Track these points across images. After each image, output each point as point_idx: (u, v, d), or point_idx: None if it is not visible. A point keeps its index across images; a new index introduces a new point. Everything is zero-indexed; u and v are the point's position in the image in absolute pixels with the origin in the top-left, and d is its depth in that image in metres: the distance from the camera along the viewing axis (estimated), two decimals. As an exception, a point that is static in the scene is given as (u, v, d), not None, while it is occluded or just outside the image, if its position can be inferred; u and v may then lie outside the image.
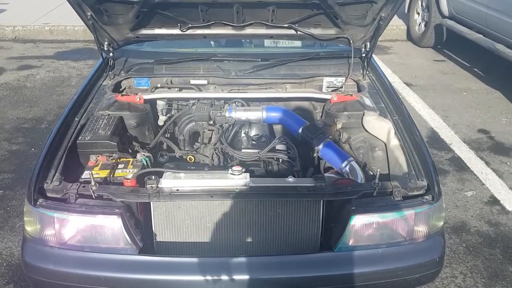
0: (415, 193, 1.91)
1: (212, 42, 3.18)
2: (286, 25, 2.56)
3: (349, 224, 1.80)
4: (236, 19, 2.49)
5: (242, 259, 1.81)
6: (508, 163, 3.59)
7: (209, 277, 1.77)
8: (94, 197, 1.82)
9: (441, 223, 1.92)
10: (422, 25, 6.45)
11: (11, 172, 3.40)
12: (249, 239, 1.90)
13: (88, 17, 2.39)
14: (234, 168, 1.92)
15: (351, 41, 2.65)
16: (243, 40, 3.10)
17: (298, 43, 3.02)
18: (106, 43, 2.65)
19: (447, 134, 4.03)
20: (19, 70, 5.50)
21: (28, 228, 1.86)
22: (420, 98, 4.76)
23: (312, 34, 2.62)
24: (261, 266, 1.81)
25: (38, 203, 1.82)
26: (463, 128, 4.14)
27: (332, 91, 2.72)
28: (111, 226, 1.79)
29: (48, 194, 1.87)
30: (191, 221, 1.89)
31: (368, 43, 2.68)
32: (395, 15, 6.24)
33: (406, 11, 6.85)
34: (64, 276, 1.81)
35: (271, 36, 2.70)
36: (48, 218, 1.81)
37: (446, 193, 3.18)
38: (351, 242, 1.83)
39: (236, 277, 1.77)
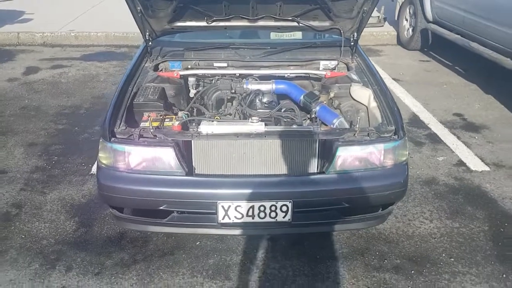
0: (386, 135, 2.60)
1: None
2: (290, 18, 3.29)
3: (336, 153, 2.49)
4: (251, 13, 3.22)
5: (261, 179, 2.51)
6: (476, 137, 4.28)
7: (235, 191, 2.46)
8: (153, 136, 2.52)
9: (405, 156, 2.60)
10: (410, 30, 7.19)
11: (61, 144, 4.10)
12: (264, 167, 2.58)
13: (138, 11, 3.09)
14: (253, 118, 2.63)
15: (341, 31, 3.37)
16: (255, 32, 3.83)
17: (299, 35, 3.72)
18: (147, 33, 3.36)
19: (426, 116, 4.73)
20: (52, 69, 6.24)
21: (103, 159, 2.55)
22: (405, 90, 5.47)
23: (311, 26, 3.34)
24: (274, 183, 2.50)
25: (112, 140, 2.52)
26: (441, 112, 4.85)
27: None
28: (166, 155, 2.48)
29: (117, 136, 2.57)
30: (221, 156, 2.57)
31: (355, 33, 3.38)
32: (386, 23, 7.07)
33: (396, 19, 7.61)
34: (131, 191, 2.49)
35: (278, 28, 3.42)
36: (119, 150, 2.50)
37: (421, 158, 3.88)
38: (338, 167, 2.52)
39: (256, 190, 2.46)
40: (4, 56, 6.80)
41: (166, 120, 2.79)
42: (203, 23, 3.33)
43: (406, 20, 7.29)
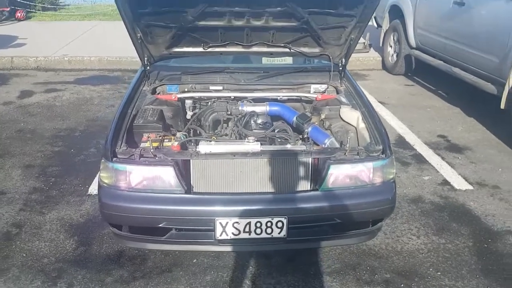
0: (374, 154, 2.75)
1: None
2: (282, 45, 3.48)
3: (328, 171, 2.63)
4: (245, 40, 3.40)
5: (257, 196, 2.64)
6: (460, 158, 4.47)
7: (233, 208, 2.58)
8: (153, 156, 2.64)
9: (392, 174, 2.75)
10: (394, 56, 7.46)
11: (58, 166, 4.19)
12: (260, 185, 2.70)
13: (138, 37, 3.24)
14: (249, 137, 2.78)
15: (330, 57, 3.55)
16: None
17: (289, 60, 3.89)
18: (146, 58, 3.51)
19: (411, 138, 4.92)
20: (46, 92, 6.35)
21: (105, 179, 2.65)
22: (391, 113, 5.67)
23: (302, 52, 3.53)
24: (270, 200, 2.62)
25: (114, 160, 2.63)
26: (425, 134, 5.04)
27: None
28: (166, 174, 2.59)
29: (119, 156, 2.68)
30: (219, 174, 2.69)
31: (343, 59, 3.57)
32: (372, 49, 7.44)
33: (380, 45, 7.90)
34: (132, 209, 2.59)
35: (271, 53, 3.60)
36: (121, 170, 2.61)
37: (407, 178, 4.04)
38: (330, 184, 2.66)
39: (253, 207, 2.58)
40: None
41: (165, 140, 2.91)
42: (200, 49, 3.49)
43: (391, 46, 7.57)
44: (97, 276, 2.80)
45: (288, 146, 2.81)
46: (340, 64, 3.60)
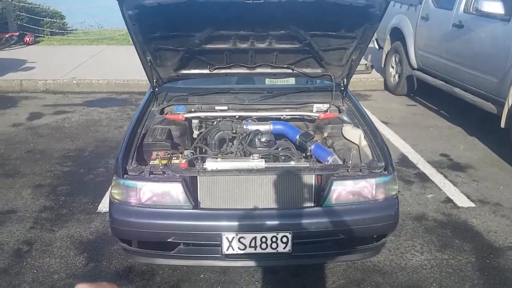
0: (376, 170, 2.83)
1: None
2: (285, 66, 3.60)
3: (331, 187, 2.71)
4: (250, 61, 3.52)
5: (262, 211, 2.71)
6: (462, 176, 4.53)
7: (239, 223, 2.65)
8: (162, 173, 2.73)
9: (395, 191, 2.82)
10: (396, 76, 7.59)
11: (67, 185, 4.28)
12: (265, 201, 2.78)
13: (148, 60, 3.37)
14: (254, 155, 2.87)
15: (332, 78, 3.66)
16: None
17: (292, 81, 3.99)
18: (154, 80, 3.63)
19: (414, 157, 4.99)
20: (55, 114, 6.48)
21: (116, 195, 2.74)
22: (394, 132, 5.76)
23: (305, 72, 3.65)
24: (275, 215, 2.70)
25: (125, 177, 2.73)
26: (428, 153, 5.11)
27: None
28: (175, 190, 2.67)
29: (129, 173, 2.77)
30: (225, 190, 2.77)
31: (345, 79, 3.68)
32: (374, 70, 7.58)
33: (382, 66, 8.03)
34: (142, 224, 2.67)
35: (274, 74, 3.72)
36: (131, 186, 2.70)
37: (411, 196, 4.10)
38: (333, 200, 2.73)
39: (258, 222, 2.65)
40: (8, 103, 7.04)
41: (173, 158, 3.00)
42: (206, 71, 3.61)
43: (392, 67, 7.71)
44: (106, 291, 2.86)
45: (292, 163, 2.90)
46: (342, 84, 3.71)
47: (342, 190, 2.75)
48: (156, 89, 3.69)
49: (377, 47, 8.49)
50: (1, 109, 6.71)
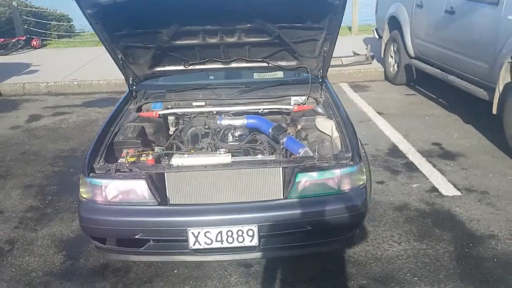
0: (343, 161, 2.80)
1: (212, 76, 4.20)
2: (260, 59, 3.59)
3: (296, 179, 2.70)
4: (223, 56, 3.52)
5: (226, 205, 2.72)
6: (451, 165, 4.45)
7: (202, 218, 2.66)
8: (128, 170, 2.75)
9: (362, 181, 2.79)
10: (395, 66, 7.47)
11: (56, 185, 4.35)
12: (233, 195, 2.78)
13: (119, 58, 3.40)
14: (220, 150, 2.87)
15: (308, 70, 3.64)
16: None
17: (280, 74, 3.96)
18: (131, 78, 3.66)
19: (405, 146, 4.93)
20: (54, 116, 6.59)
21: (83, 193, 2.78)
22: (387, 122, 5.69)
23: (280, 65, 3.63)
24: (238, 208, 2.69)
25: (91, 175, 2.76)
26: (420, 142, 5.04)
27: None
28: (139, 187, 2.70)
29: (96, 171, 2.81)
30: (193, 186, 2.79)
31: (321, 71, 3.65)
32: (375, 60, 7.44)
33: (382, 56, 7.93)
34: (109, 222, 2.70)
35: (250, 68, 3.71)
36: (97, 184, 2.74)
37: (395, 186, 4.05)
38: (298, 192, 2.72)
39: (222, 216, 2.66)
40: (10, 106, 7.20)
41: (143, 155, 3.03)
42: (181, 67, 3.63)
43: (391, 56, 7.59)
44: (80, 288, 2.92)
45: (259, 157, 2.90)
46: (319, 76, 3.68)
47: (306, 182, 2.73)
48: (134, 87, 3.73)
49: (377, 36, 8.38)
50: (2, 112, 6.86)
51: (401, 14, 7.05)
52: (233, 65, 3.63)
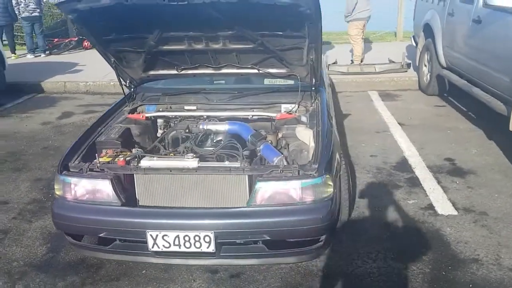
0: (308, 172, 2.75)
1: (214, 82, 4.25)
2: (249, 66, 3.59)
3: (255, 187, 2.69)
4: (213, 62, 3.55)
5: (184, 210, 2.76)
6: (458, 182, 4.23)
7: (160, 221, 2.71)
8: (99, 169, 2.86)
9: (326, 194, 2.73)
10: (428, 75, 7.20)
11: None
12: (197, 200, 2.81)
13: (112, 62, 3.53)
14: (188, 155, 2.91)
15: (299, 77, 3.60)
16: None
17: (264, 81, 3.96)
18: (128, 81, 3.79)
19: (415, 160, 4.73)
20: (84, 113, 6.91)
21: (56, 190, 2.92)
22: (406, 134, 5.49)
23: (271, 73, 3.62)
24: (196, 214, 2.74)
25: (63, 173, 2.89)
26: (433, 156, 4.82)
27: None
28: (104, 187, 2.80)
29: (71, 170, 2.93)
30: (160, 189, 2.85)
31: (313, 79, 3.60)
32: (411, 68, 7.15)
33: (417, 64, 7.67)
34: (76, 219, 2.82)
35: (241, 74, 3.72)
36: (67, 182, 2.86)
37: (391, 201, 3.90)
38: (258, 201, 2.70)
39: (179, 221, 2.69)
40: (48, 103, 7.61)
41: (120, 156, 3.12)
42: (174, 72, 3.70)
43: (425, 65, 7.32)
44: (52, 280, 3.04)
45: (226, 163, 2.90)
46: (312, 84, 3.63)
47: (266, 191, 2.72)
48: (132, 89, 3.86)
49: (414, 44, 8.11)
50: (40, 108, 7.28)
51: (435, 22, 6.79)
52: (224, 71, 3.66)
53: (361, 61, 8.53)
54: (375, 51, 10.04)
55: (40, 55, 11.09)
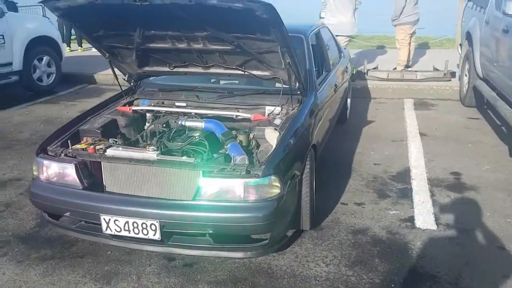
0: (255, 172, 2.82)
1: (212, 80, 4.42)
2: (235, 67, 3.70)
3: (201, 183, 2.81)
4: (200, 61, 3.71)
5: (134, 198, 2.94)
6: (453, 197, 4.06)
7: (111, 206, 2.91)
8: (70, 155, 3.12)
9: (271, 194, 2.79)
10: (467, 86, 6.87)
11: (77, 164, 4.94)
12: (152, 190, 2.99)
13: (107, 57, 3.79)
14: (150, 147, 3.09)
15: (282, 80, 3.65)
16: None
17: (253, 82, 4.04)
18: (127, 75, 4.05)
19: (417, 172, 4.58)
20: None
21: (34, 171, 3.22)
22: (421, 145, 5.30)
23: (255, 75, 3.71)
24: (143, 203, 2.90)
25: (39, 155, 3.18)
26: (439, 169, 4.65)
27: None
28: (69, 171, 3.06)
29: (49, 153, 3.22)
30: (123, 177, 3.06)
31: (297, 83, 3.64)
32: (456, 77, 6.81)
33: (459, 74, 7.34)
34: (47, 198, 3.11)
35: (229, 75, 3.84)
36: (41, 164, 3.15)
37: (371, 210, 3.83)
38: (202, 195, 2.83)
39: (128, 208, 2.88)
40: (96, 93, 8.17)
41: (98, 144, 3.36)
42: (167, 69, 3.90)
43: (466, 75, 7.00)
44: (27, 251, 3.36)
45: (183, 158, 3.04)
46: (296, 87, 3.66)
47: (211, 187, 2.84)
48: (132, 83, 4.12)
49: (459, 53, 7.76)
50: (86, 98, 7.86)
51: (474, 31, 6.47)
52: (212, 70, 3.80)
53: (407, 67, 8.31)
54: (428, 57, 9.70)
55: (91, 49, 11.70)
